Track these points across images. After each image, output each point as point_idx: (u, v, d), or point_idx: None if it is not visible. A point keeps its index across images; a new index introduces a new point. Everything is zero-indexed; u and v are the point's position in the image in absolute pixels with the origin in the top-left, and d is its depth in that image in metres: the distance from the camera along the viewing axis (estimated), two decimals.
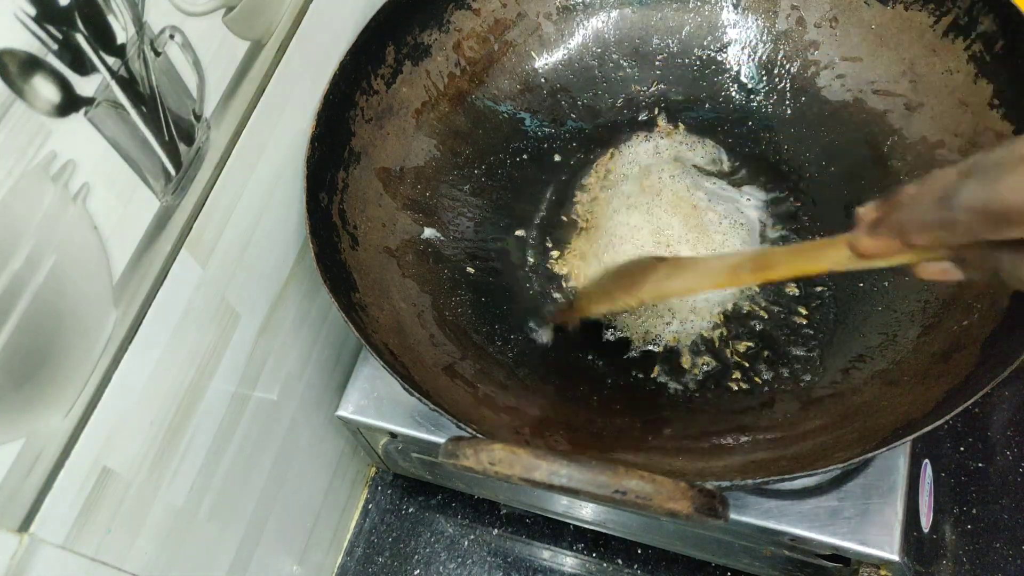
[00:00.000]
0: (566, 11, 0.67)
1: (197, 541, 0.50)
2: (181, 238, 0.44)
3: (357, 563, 0.69)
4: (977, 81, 0.56)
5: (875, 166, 0.59)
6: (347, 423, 0.60)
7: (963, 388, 0.45)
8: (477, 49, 0.66)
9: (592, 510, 0.64)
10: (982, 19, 0.55)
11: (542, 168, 0.64)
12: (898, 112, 0.60)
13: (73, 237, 0.37)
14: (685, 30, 0.67)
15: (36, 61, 0.34)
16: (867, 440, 0.45)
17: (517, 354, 0.57)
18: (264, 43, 0.49)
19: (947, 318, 0.51)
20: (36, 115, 0.34)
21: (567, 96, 0.67)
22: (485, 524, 0.70)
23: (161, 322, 0.44)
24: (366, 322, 0.51)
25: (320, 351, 0.62)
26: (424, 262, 0.59)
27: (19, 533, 0.37)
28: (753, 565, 0.60)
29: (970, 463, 0.66)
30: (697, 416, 0.53)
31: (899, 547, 0.49)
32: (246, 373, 0.53)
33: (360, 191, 0.58)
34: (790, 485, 0.52)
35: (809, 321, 0.55)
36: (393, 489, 0.72)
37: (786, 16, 0.65)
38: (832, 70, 0.63)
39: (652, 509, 0.37)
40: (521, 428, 0.51)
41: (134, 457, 0.43)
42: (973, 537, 0.63)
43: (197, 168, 0.45)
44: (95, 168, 0.38)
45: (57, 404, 0.38)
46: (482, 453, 0.38)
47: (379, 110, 0.60)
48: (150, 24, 0.40)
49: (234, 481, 0.53)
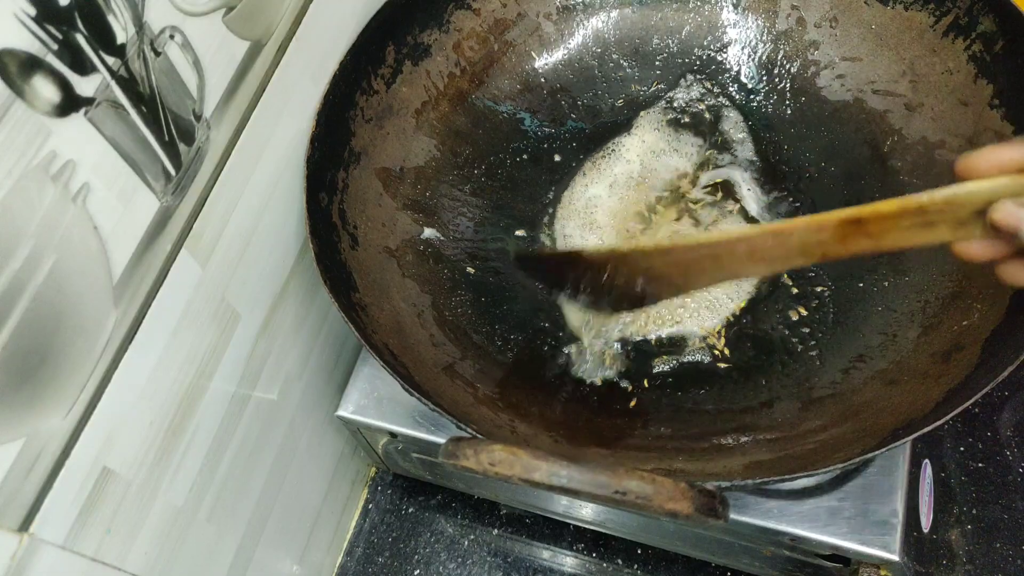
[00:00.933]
0: (566, 11, 0.67)
1: (197, 541, 0.50)
2: (181, 238, 0.44)
3: (357, 563, 0.69)
4: (977, 81, 0.56)
5: (875, 166, 0.59)
6: (347, 423, 0.60)
7: (963, 388, 0.45)
8: (477, 49, 0.66)
9: (592, 510, 0.64)
10: (982, 19, 0.55)
11: (542, 168, 0.64)
12: (898, 112, 0.60)
13: (73, 237, 0.37)
14: (685, 30, 0.67)
15: (36, 61, 0.34)
16: (867, 440, 0.45)
17: (517, 354, 0.57)
18: (264, 43, 0.49)
19: (947, 318, 0.51)
20: (36, 115, 0.34)
21: (567, 96, 0.67)
22: (485, 524, 0.70)
23: (161, 322, 0.44)
24: (366, 322, 0.51)
25: (320, 351, 0.62)
26: (424, 262, 0.59)
27: (19, 533, 0.37)
28: (753, 565, 0.60)
29: (970, 463, 0.66)
30: (697, 416, 0.53)
31: (899, 547, 0.49)
32: (246, 373, 0.53)
33: (360, 191, 0.58)
34: (790, 485, 0.52)
35: (809, 321, 0.55)
36: (393, 489, 0.72)
37: (786, 16, 0.65)
38: (832, 70, 0.63)
39: (652, 509, 0.37)
40: (521, 428, 0.51)
41: (134, 457, 0.43)
42: (973, 537, 0.63)
43: (197, 168, 0.45)
44: (95, 168, 0.38)
45: (57, 404, 0.38)
46: (482, 453, 0.38)
47: (379, 110, 0.60)
48: (150, 24, 0.40)
49: (234, 481, 0.53)
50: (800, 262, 0.42)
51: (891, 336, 0.53)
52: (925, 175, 0.57)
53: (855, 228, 0.39)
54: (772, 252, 0.42)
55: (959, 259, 0.39)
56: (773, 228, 0.42)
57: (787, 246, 0.41)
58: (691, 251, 0.45)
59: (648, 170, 0.63)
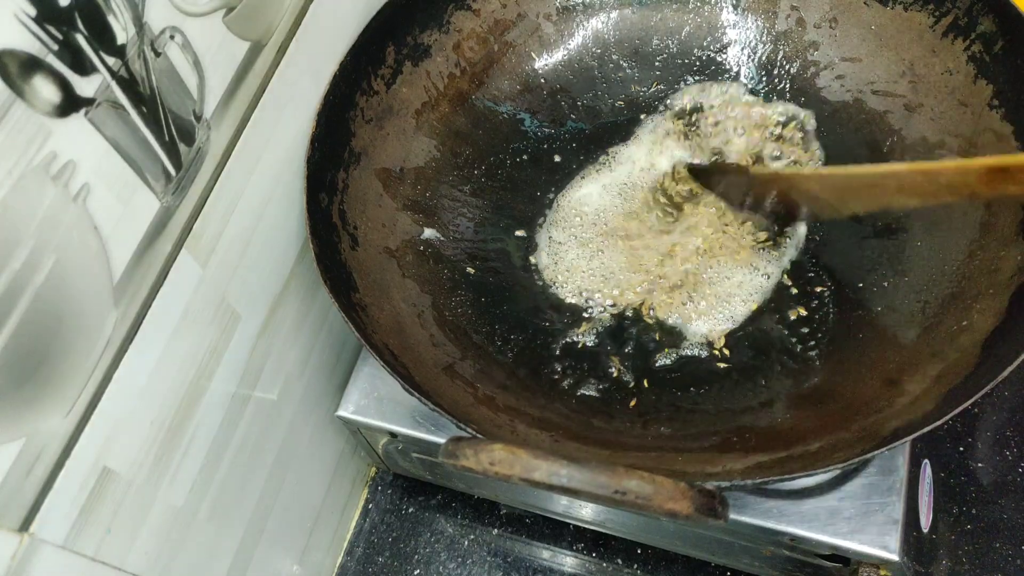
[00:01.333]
0: (566, 11, 0.67)
1: (197, 541, 0.50)
2: (181, 238, 0.44)
3: (357, 563, 0.69)
4: (977, 81, 0.56)
5: None
6: (347, 423, 0.60)
7: (963, 388, 0.45)
8: (477, 50, 0.66)
9: (592, 510, 0.64)
10: (982, 19, 0.55)
11: (542, 168, 0.64)
12: (898, 113, 0.60)
13: (73, 237, 0.37)
14: (685, 30, 0.67)
15: (36, 61, 0.34)
16: (867, 440, 0.45)
17: (517, 354, 0.57)
18: (264, 43, 0.49)
19: (947, 318, 0.51)
20: (36, 115, 0.34)
21: (567, 97, 0.67)
22: (485, 524, 0.70)
23: (161, 322, 0.44)
24: (366, 322, 0.52)
25: (320, 351, 0.62)
26: (424, 262, 0.59)
27: (19, 533, 0.37)
28: (753, 565, 0.60)
29: (970, 463, 0.66)
30: (697, 416, 0.53)
31: (899, 547, 0.49)
32: (246, 373, 0.53)
33: (360, 191, 0.58)
34: (790, 485, 0.52)
35: (809, 321, 0.55)
36: (393, 489, 0.72)
37: (786, 16, 0.65)
38: (832, 70, 0.63)
39: (652, 509, 0.37)
40: (521, 428, 0.51)
41: (134, 457, 0.44)
42: (973, 537, 0.63)
43: (197, 168, 0.45)
44: (95, 168, 0.38)
45: (57, 404, 0.38)
46: (482, 453, 0.38)
47: (379, 110, 0.60)
48: (150, 24, 0.40)
49: (234, 481, 0.53)
50: (950, 199, 0.46)
51: (891, 336, 0.53)
52: None
53: (1000, 175, 0.43)
54: (924, 187, 0.47)
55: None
56: (923, 167, 0.47)
57: (937, 183, 0.45)
58: (848, 179, 0.51)
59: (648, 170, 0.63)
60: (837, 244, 0.58)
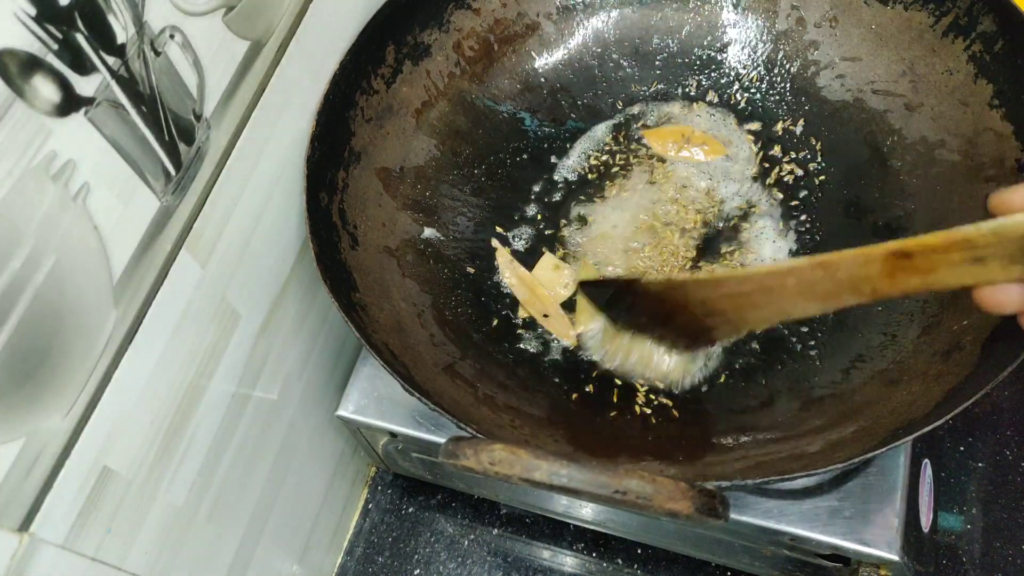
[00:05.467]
0: (566, 10, 0.67)
1: (197, 541, 0.50)
2: (181, 238, 0.44)
3: (357, 563, 0.69)
4: (977, 81, 0.56)
5: (875, 166, 0.59)
6: (347, 423, 0.60)
7: (963, 388, 0.45)
8: (477, 49, 0.66)
9: (592, 510, 0.64)
10: (982, 19, 0.55)
11: (542, 168, 0.64)
12: (898, 112, 0.60)
13: (73, 237, 0.37)
14: (685, 30, 0.67)
15: (36, 61, 0.34)
16: (867, 440, 0.45)
17: (517, 354, 0.57)
18: (264, 43, 0.49)
19: (947, 318, 0.51)
20: (36, 115, 0.34)
21: (567, 96, 0.67)
22: (485, 524, 0.70)
23: (161, 322, 0.44)
24: (366, 322, 0.51)
25: (320, 351, 0.62)
26: (424, 262, 0.59)
27: (19, 533, 0.37)
28: (753, 565, 0.60)
29: (970, 463, 0.66)
30: (697, 416, 0.53)
31: (899, 547, 0.49)
32: (246, 373, 0.53)
33: (360, 191, 0.58)
34: (790, 485, 0.52)
35: (809, 321, 0.55)
36: (393, 489, 0.72)
37: (786, 16, 0.65)
38: (832, 70, 0.63)
39: (652, 509, 0.37)
40: (521, 428, 0.51)
41: (134, 457, 0.43)
42: (973, 537, 0.63)
43: (197, 168, 0.45)
44: (95, 168, 0.38)
45: (57, 404, 0.38)
46: (482, 453, 0.38)
47: (379, 110, 0.60)
48: (150, 24, 0.40)
49: (234, 481, 0.53)
50: (853, 300, 0.41)
51: (891, 336, 0.53)
52: (925, 175, 0.57)
53: (903, 262, 0.38)
54: (822, 286, 0.41)
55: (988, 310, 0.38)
56: (820, 259, 0.41)
57: (836, 279, 0.41)
58: (742, 283, 0.45)
59: (648, 170, 0.63)
60: (837, 243, 0.58)
